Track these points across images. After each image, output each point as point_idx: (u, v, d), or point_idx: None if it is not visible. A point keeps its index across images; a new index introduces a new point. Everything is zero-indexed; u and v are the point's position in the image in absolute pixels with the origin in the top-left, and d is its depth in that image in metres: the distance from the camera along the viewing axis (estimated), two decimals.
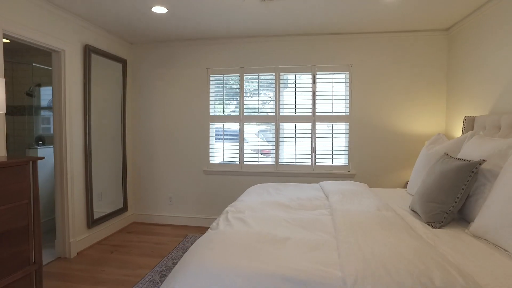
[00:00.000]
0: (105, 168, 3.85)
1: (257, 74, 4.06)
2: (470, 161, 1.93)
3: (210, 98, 4.18)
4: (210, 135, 4.19)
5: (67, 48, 3.19)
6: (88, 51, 3.46)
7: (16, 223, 2.12)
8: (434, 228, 1.88)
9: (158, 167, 4.32)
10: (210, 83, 4.17)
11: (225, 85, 4.13)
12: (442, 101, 3.79)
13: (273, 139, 4.06)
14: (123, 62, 4.11)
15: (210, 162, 4.21)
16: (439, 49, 3.76)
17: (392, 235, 1.59)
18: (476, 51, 3.15)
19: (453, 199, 1.90)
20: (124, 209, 4.18)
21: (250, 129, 4.11)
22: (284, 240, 1.57)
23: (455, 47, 3.58)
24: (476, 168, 1.87)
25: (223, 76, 4.13)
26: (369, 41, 3.86)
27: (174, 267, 2.65)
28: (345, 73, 3.94)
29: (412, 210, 2.23)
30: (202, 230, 4.11)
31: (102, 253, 3.37)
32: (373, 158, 3.91)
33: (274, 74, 4.02)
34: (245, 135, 4.11)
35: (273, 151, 4.05)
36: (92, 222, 3.57)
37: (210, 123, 4.18)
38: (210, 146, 4.21)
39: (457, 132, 3.49)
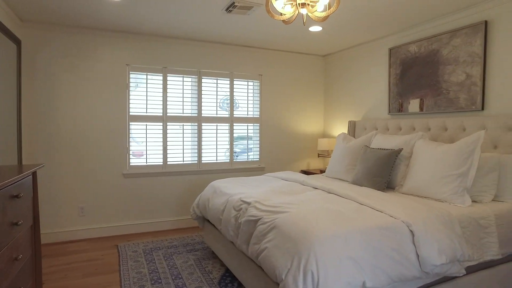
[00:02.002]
0: None
1: (181, 75, 4.15)
2: (393, 149, 3.04)
3: (131, 97, 3.92)
4: (130, 136, 3.92)
5: None
6: None
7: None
8: (382, 191, 2.86)
9: (65, 174, 3.65)
10: (131, 80, 3.91)
11: (148, 84, 3.98)
12: (321, 109, 5.09)
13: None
14: (17, 42, 3.26)
15: (131, 164, 3.94)
16: (319, 70, 5.03)
17: (385, 197, 2.41)
18: (342, 75, 4.53)
19: (388, 173, 2.95)
20: None
21: (173, 129, 4.13)
22: (337, 210, 2.12)
23: (328, 70, 4.93)
24: (399, 153, 2.99)
25: (146, 74, 3.97)
26: (275, 56, 4.70)
27: (150, 275, 2.62)
28: (257, 81, 4.62)
29: (355, 184, 3.17)
30: (130, 237, 3.82)
31: None
32: (277, 153, 4.78)
33: (196, 77, 4.23)
34: (168, 135, 4.10)
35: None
36: None
37: (131, 123, 3.92)
38: (131, 148, 3.94)
39: (334, 132, 4.84)
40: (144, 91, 3.97)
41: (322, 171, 4.53)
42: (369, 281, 1.66)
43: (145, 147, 3.99)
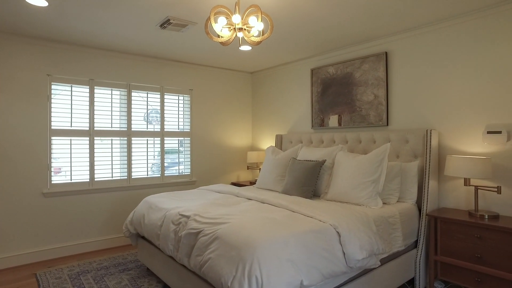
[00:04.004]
0: None
1: (110, 88, 4.00)
2: (317, 161, 3.38)
3: (54, 110, 3.63)
4: (52, 152, 3.62)
5: None
6: None
7: None
8: (309, 199, 3.16)
9: None
10: (53, 92, 3.64)
11: (73, 96, 3.74)
12: (249, 123, 5.34)
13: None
14: None
15: (53, 182, 3.63)
16: (248, 86, 5.30)
17: (313, 204, 2.69)
18: (269, 91, 4.87)
19: (314, 183, 3.27)
20: None
21: (100, 143, 3.94)
22: (273, 218, 2.31)
23: (256, 86, 5.23)
24: (322, 164, 3.34)
25: (71, 86, 3.73)
26: (206, 72, 4.82)
27: None
28: (188, 96, 4.67)
29: (285, 194, 3.44)
30: (52, 263, 3.48)
31: None
32: (208, 166, 4.86)
33: (126, 90, 4.11)
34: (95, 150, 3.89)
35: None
36: None
37: (53, 138, 3.63)
38: (53, 164, 3.64)
39: (262, 145, 5.12)
40: (69, 104, 3.73)
41: (252, 183, 4.74)
42: (306, 279, 1.87)
43: (69, 164, 3.72)
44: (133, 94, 4.18)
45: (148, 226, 2.84)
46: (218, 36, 2.17)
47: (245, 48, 3.88)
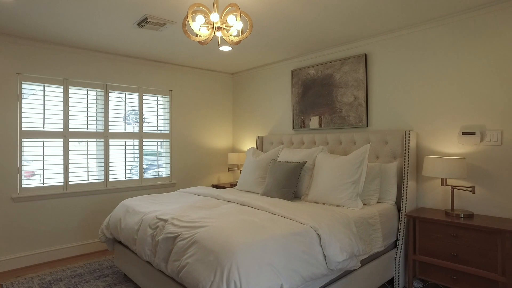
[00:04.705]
0: None
1: (86, 88, 3.86)
2: (298, 162, 3.37)
3: (24, 110, 3.47)
4: (23, 154, 3.46)
5: None
6: None
7: None
8: (290, 201, 3.14)
9: None
10: (24, 91, 3.48)
11: (46, 96, 3.59)
12: (230, 125, 5.29)
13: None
14: None
15: (23, 186, 3.47)
16: (228, 87, 5.25)
17: (294, 206, 2.67)
18: (250, 92, 4.85)
19: (294, 184, 3.25)
20: None
21: (75, 145, 3.80)
22: (252, 221, 2.27)
23: (237, 87, 5.19)
24: (303, 166, 3.33)
25: (43, 85, 3.58)
26: (186, 72, 4.74)
27: None
28: (167, 97, 4.58)
29: (266, 195, 3.40)
30: (21, 272, 3.32)
31: None
32: (188, 168, 4.78)
33: (102, 90, 3.99)
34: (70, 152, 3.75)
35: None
36: None
37: (23, 139, 3.46)
38: (25, 168, 3.47)
39: (243, 146, 5.08)
40: (41, 104, 3.57)
41: (233, 185, 4.69)
42: (286, 283, 1.84)
43: (41, 166, 3.56)
44: (110, 94, 4.05)
45: (124, 231, 2.75)
46: (197, 35, 2.12)
47: (225, 48, 3.83)
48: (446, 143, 2.99)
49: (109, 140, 4.03)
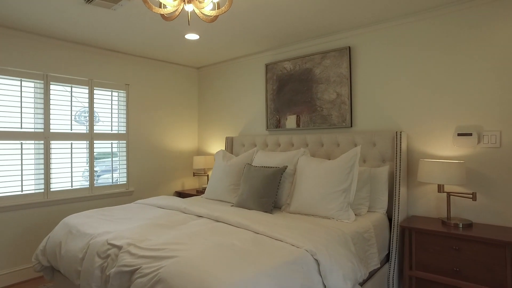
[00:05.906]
0: None
1: (19, 79, 3.16)
2: (277, 167, 2.96)
3: None
4: None
5: None
6: None
7: None
8: (269, 213, 2.72)
9: None
10: None
11: None
12: (195, 125, 4.76)
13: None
14: None
15: None
16: (193, 82, 4.72)
17: (278, 221, 2.25)
18: (218, 89, 4.37)
19: (274, 193, 2.83)
20: None
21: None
22: (232, 245, 1.81)
23: (203, 83, 4.68)
24: (284, 171, 2.93)
25: None
26: (145, 64, 4.15)
27: None
28: (123, 92, 3.96)
29: (241, 207, 2.95)
30: None
31: None
32: (148, 174, 4.19)
33: (42, 82, 3.31)
34: None
35: None
36: None
37: None
38: None
39: (210, 149, 4.58)
40: None
41: (199, 191, 4.19)
42: None
43: None
44: (53, 87, 3.38)
45: (65, 259, 2.16)
46: (161, 5, 1.62)
47: (192, 36, 3.33)
48: (439, 145, 2.72)
49: (51, 141, 3.36)
